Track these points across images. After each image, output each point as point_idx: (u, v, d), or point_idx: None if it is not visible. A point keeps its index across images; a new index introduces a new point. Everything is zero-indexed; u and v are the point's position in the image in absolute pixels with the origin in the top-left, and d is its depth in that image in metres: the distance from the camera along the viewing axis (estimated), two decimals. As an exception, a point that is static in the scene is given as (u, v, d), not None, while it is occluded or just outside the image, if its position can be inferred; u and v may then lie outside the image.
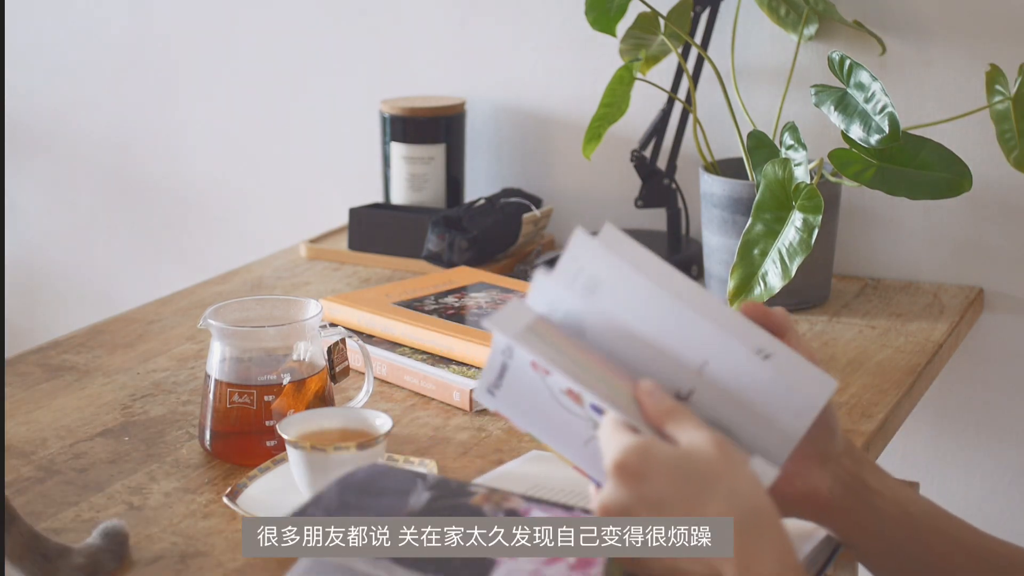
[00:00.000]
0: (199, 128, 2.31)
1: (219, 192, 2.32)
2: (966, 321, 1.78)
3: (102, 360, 1.60)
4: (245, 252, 2.17)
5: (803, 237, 1.55)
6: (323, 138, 2.22)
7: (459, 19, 2.08)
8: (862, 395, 1.50)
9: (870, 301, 1.80)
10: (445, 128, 2.02)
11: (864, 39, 1.84)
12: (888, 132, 1.53)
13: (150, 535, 1.19)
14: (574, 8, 1.85)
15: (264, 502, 1.22)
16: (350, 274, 1.92)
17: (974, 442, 1.89)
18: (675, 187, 1.91)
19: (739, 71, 1.89)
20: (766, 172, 1.58)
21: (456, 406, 1.46)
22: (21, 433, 1.40)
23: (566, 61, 2.02)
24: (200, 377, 1.53)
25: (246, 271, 1.94)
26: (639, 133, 1.91)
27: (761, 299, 1.56)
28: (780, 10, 1.85)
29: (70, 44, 2.38)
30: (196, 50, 2.29)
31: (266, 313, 1.37)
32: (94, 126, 2.39)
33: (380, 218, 1.96)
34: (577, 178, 2.04)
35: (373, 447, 1.20)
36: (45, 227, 2.49)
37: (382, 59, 2.14)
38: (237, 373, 1.32)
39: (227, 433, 1.31)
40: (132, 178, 2.39)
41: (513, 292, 1.66)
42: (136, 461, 1.34)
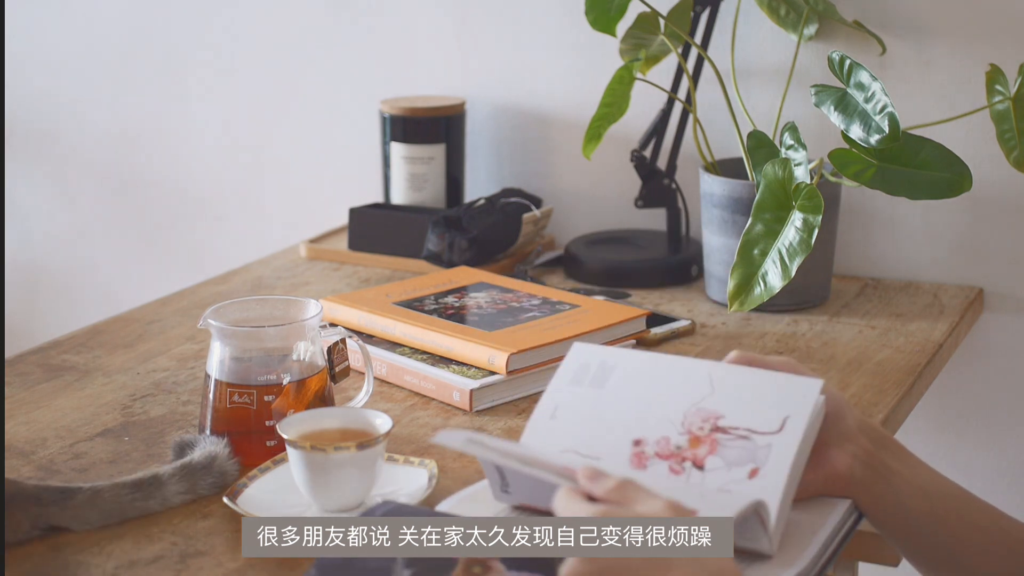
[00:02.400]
0: (199, 128, 2.31)
1: (219, 192, 2.32)
2: (966, 321, 1.78)
3: (102, 360, 1.60)
4: (245, 252, 2.17)
5: (803, 237, 1.55)
6: (323, 138, 2.22)
7: (459, 19, 2.08)
8: (862, 395, 1.50)
9: (870, 301, 1.80)
10: (445, 128, 2.02)
11: (864, 39, 1.84)
12: (888, 132, 1.53)
13: (150, 535, 1.19)
14: (574, 8, 1.85)
15: (264, 502, 1.22)
16: (350, 274, 1.92)
17: (974, 442, 1.89)
18: (675, 187, 1.91)
19: (739, 71, 1.89)
20: (766, 172, 1.58)
21: (456, 406, 1.46)
22: (21, 433, 1.40)
23: (566, 61, 2.02)
24: (200, 377, 1.53)
25: (246, 271, 1.94)
26: (639, 133, 1.91)
27: (761, 299, 1.56)
28: (780, 10, 1.85)
29: (70, 44, 2.38)
30: (197, 50, 2.29)
31: (266, 313, 1.37)
32: (94, 126, 2.39)
33: (380, 218, 1.96)
34: (577, 178, 2.04)
35: (373, 447, 1.20)
36: (45, 227, 2.49)
37: (382, 59, 2.14)
38: (237, 373, 1.32)
39: (227, 433, 1.31)
40: (132, 178, 2.39)
41: (513, 292, 1.66)
42: (136, 461, 1.34)
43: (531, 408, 1.45)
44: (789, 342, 1.65)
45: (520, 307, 1.61)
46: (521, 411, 1.45)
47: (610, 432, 1.13)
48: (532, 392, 1.48)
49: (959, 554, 1.12)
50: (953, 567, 1.13)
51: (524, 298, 1.64)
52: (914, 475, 1.12)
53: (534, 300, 1.63)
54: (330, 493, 1.20)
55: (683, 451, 1.11)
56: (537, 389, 1.49)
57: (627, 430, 1.13)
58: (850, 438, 1.11)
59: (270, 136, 2.26)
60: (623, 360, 1.18)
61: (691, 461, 1.10)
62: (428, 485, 1.23)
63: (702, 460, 1.10)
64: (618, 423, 1.14)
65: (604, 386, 1.16)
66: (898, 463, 1.12)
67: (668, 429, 1.12)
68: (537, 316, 1.57)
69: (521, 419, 1.43)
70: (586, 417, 1.15)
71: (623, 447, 1.12)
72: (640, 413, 1.14)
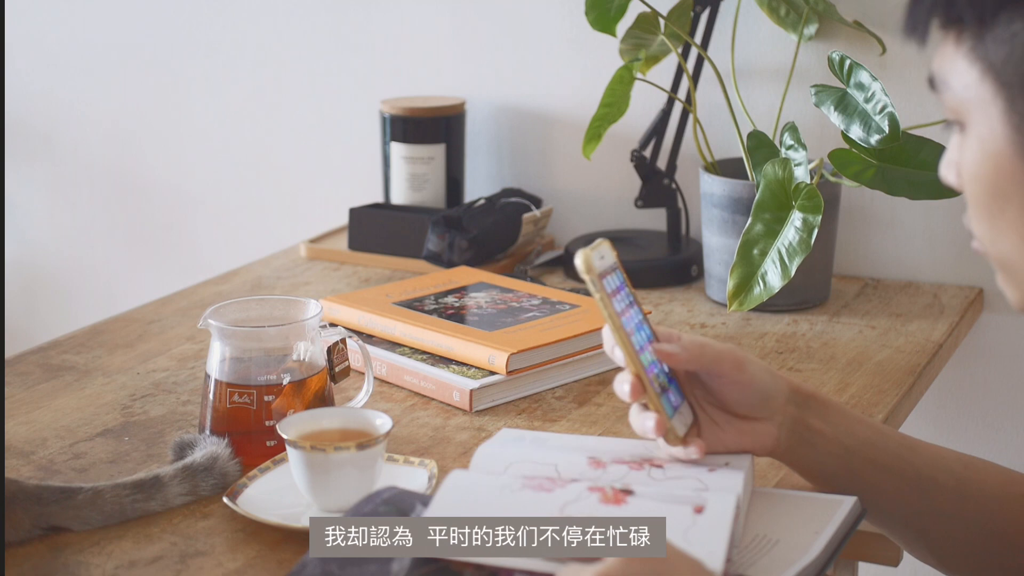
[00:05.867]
0: (200, 128, 2.31)
1: (219, 192, 2.32)
2: (966, 321, 1.78)
3: (102, 360, 1.60)
4: (245, 252, 2.17)
5: (803, 237, 1.55)
6: (323, 138, 2.22)
7: (459, 19, 2.08)
8: (862, 395, 1.50)
9: (870, 301, 1.80)
10: (445, 128, 2.02)
11: (864, 39, 1.84)
12: (888, 132, 1.53)
13: (150, 535, 1.19)
14: (574, 8, 1.85)
15: (264, 502, 1.22)
16: (350, 274, 1.92)
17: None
18: (675, 187, 1.91)
19: (739, 71, 1.89)
20: (766, 172, 1.58)
21: (456, 406, 1.46)
22: (21, 433, 1.40)
23: (566, 61, 2.02)
24: (200, 377, 1.53)
25: (246, 271, 1.94)
26: (639, 133, 1.91)
27: (761, 299, 1.56)
28: (780, 10, 1.85)
29: (70, 44, 2.38)
30: (197, 50, 2.29)
31: (266, 313, 1.37)
32: (94, 126, 2.39)
33: (380, 218, 1.96)
34: (577, 178, 2.04)
35: (373, 447, 1.20)
36: (45, 227, 2.49)
37: (382, 59, 2.14)
38: (237, 373, 1.32)
39: (227, 433, 1.31)
40: (132, 178, 2.39)
41: (513, 292, 1.66)
42: (136, 461, 1.34)
43: (531, 408, 1.45)
44: (789, 342, 1.65)
45: (520, 307, 1.61)
46: (521, 411, 1.45)
47: (563, 451, 1.16)
48: (532, 392, 1.48)
49: (875, 501, 1.16)
50: (875, 514, 1.17)
51: (524, 298, 1.64)
52: (834, 431, 1.16)
53: (534, 300, 1.63)
54: (330, 493, 1.20)
55: (640, 460, 1.14)
56: (537, 389, 1.49)
57: (584, 449, 1.17)
58: (777, 411, 1.15)
59: (270, 136, 2.26)
60: (553, 436, 1.21)
61: (649, 463, 1.13)
62: (428, 485, 1.23)
63: (660, 463, 1.14)
64: (571, 448, 1.17)
65: (546, 443, 1.18)
66: (819, 421, 1.16)
67: (621, 454, 1.16)
68: (537, 316, 1.57)
69: (521, 419, 1.43)
70: (536, 448, 1.17)
71: (578, 458, 1.15)
72: (591, 448, 1.17)
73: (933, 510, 1.17)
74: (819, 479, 1.18)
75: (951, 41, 0.93)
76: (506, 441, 1.18)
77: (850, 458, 1.16)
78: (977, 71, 0.91)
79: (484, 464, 1.14)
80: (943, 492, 1.16)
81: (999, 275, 0.98)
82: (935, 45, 0.95)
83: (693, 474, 1.11)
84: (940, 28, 0.94)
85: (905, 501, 1.17)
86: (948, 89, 0.94)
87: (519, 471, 1.12)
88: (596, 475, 1.11)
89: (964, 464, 1.19)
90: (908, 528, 1.19)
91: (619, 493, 1.05)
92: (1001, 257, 0.96)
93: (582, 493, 1.05)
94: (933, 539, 1.18)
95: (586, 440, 1.21)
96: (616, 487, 1.06)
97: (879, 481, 1.16)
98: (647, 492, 1.06)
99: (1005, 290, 0.98)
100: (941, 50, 0.94)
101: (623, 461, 1.13)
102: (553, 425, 1.42)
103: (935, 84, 0.96)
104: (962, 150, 0.95)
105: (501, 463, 1.14)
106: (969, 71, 0.92)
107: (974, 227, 0.97)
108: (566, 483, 1.07)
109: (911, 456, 1.17)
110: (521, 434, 1.20)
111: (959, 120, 0.95)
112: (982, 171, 0.93)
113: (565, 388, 1.51)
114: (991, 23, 0.90)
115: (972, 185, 0.95)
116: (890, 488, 1.16)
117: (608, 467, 1.12)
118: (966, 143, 0.94)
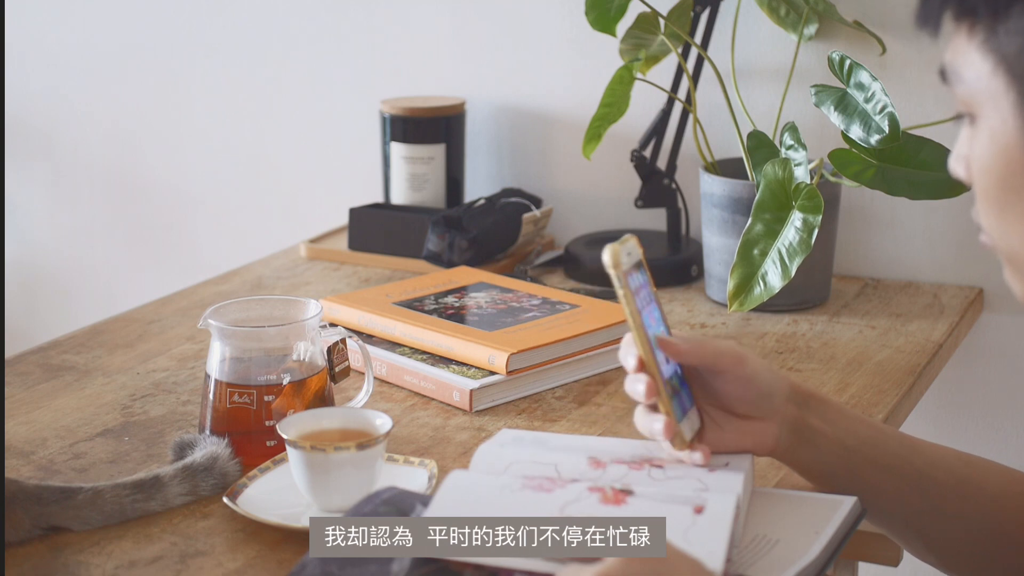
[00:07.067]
0: (199, 128, 2.31)
1: (219, 192, 2.32)
2: (966, 321, 1.78)
3: (102, 360, 1.60)
4: (245, 252, 2.17)
5: (803, 237, 1.55)
6: (323, 138, 2.22)
7: (459, 19, 2.08)
8: (862, 395, 1.50)
9: (870, 301, 1.80)
10: (445, 128, 2.02)
11: (864, 39, 1.84)
12: (888, 132, 1.53)
13: (150, 535, 1.19)
14: (574, 8, 1.85)
15: (264, 502, 1.22)
16: (350, 274, 1.92)
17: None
18: (675, 187, 1.91)
19: (739, 71, 1.89)
20: (766, 172, 1.58)
21: (456, 406, 1.46)
22: (21, 433, 1.40)
23: (566, 61, 2.02)
24: (200, 377, 1.53)
25: (246, 271, 1.94)
26: (639, 133, 1.91)
27: (761, 299, 1.56)
28: (780, 10, 1.85)
29: (71, 44, 2.38)
30: (196, 50, 2.29)
31: (266, 313, 1.37)
32: (94, 126, 2.39)
33: (380, 218, 1.96)
34: (577, 178, 2.04)
35: (373, 447, 1.20)
36: (45, 227, 2.49)
37: (382, 59, 2.14)
38: (237, 373, 1.32)
39: (227, 433, 1.31)
40: (132, 178, 2.39)
41: (513, 292, 1.66)
42: (136, 461, 1.34)
43: (531, 408, 1.45)
44: (789, 342, 1.65)
45: (520, 307, 1.61)
46: (521, 411, 1.45)
47: (563, 451, 1.16)
48: (532, 392, 1.48)
49: (875, 501, 1.16)
50: (875, 514, 1.17)
51: (524, 298, 1.64)
52: (834, 430, 1.16)
53: (534, 300, 1.63)
54: (330, 493, 1.20)
55: (640, 460, 1.14)
56: (537, 389, 1.49)
57: (584, 449, 1.16)
58: (778, 410, 1.15)
59: (270, 136, 2.26)
60: (553, 436, 1.21)
61: (648, 464, 1.13)
62: (428, 485, 1.23)
63: (660, 463, 1.13)
64: (571, 448, 1.17)
65: (546, 443, 1.18)
66: (820, 420, 1.16)
67: (621, 454, 1.16)
68: (537, 316, 1.57)
69: (521, 419, 1.43)
70: (536, 448, 1.17)
71: (578, 458, 1.15)
72: (592, 448, 1.17)
73: (934, 509, 1.17)
74: (819, 479, 1.18)
75: (964, 33, 0.93)
76: (506, 441, 1.18)
77: (850, 457, 1.16)
78: (990, 63, 0.91)
79: (484, 464, 1.14)
80: (944, 491, 1.16)
81: (1006, 269, 0.98)
82: (947, 37, 0.95)
83: (693, 474, 1.11)
84: (953, 20, 0.93)
85: (905, 501, 1.17)
86: (960, 81, 0.94)
87: (519, 471, 1.12)
88: (596, 475, 1.11)
89: (965, 463, 1.19)
90: (908, 528, 1.18)
91: (619, 493, 1.05)
92: (1010, 250, 0.96)
93: (582, 493, 1.05)
94: (933, 538, 1.18)
95: (586, 440, 1.21)
96: (616, 487, 1.06)
97: (879, 481, 1.16)
98: (647, 492, 1.06)
99: (1012, 284, 0.98)
100: (954, 42, 0.94)
101: (623, 461, 1.13)
102: (553, 425, 1.42)
103: (946, 76, 0.95)
104: (972, 143, 0.95)
105: (501, 463, 1.14)
106: (982, 63, 0.91)
107: (983, 220, 0.97)
108: (566, 483, 1.07)
109: (911, 455, 1.17)
110: (521, 434, 1.20)
111: (970, 112, 0.94)
112: (993, 164, 0.93)
113: (565, 388, 1.51)
114: (1005, 15, 0.89)
115: (982, 178, 0.94)
116: (890, 488, 1.16)
117: (608, 467, 1.12)
118: (977, 136, 0.94)
